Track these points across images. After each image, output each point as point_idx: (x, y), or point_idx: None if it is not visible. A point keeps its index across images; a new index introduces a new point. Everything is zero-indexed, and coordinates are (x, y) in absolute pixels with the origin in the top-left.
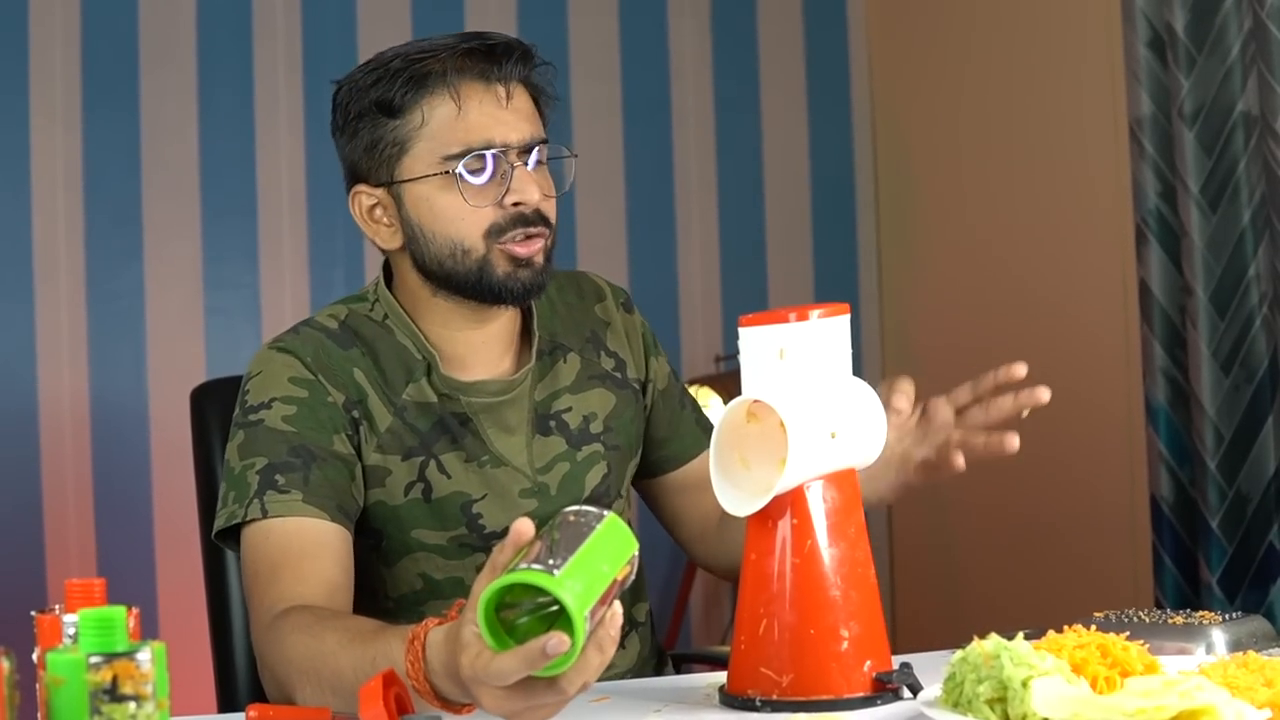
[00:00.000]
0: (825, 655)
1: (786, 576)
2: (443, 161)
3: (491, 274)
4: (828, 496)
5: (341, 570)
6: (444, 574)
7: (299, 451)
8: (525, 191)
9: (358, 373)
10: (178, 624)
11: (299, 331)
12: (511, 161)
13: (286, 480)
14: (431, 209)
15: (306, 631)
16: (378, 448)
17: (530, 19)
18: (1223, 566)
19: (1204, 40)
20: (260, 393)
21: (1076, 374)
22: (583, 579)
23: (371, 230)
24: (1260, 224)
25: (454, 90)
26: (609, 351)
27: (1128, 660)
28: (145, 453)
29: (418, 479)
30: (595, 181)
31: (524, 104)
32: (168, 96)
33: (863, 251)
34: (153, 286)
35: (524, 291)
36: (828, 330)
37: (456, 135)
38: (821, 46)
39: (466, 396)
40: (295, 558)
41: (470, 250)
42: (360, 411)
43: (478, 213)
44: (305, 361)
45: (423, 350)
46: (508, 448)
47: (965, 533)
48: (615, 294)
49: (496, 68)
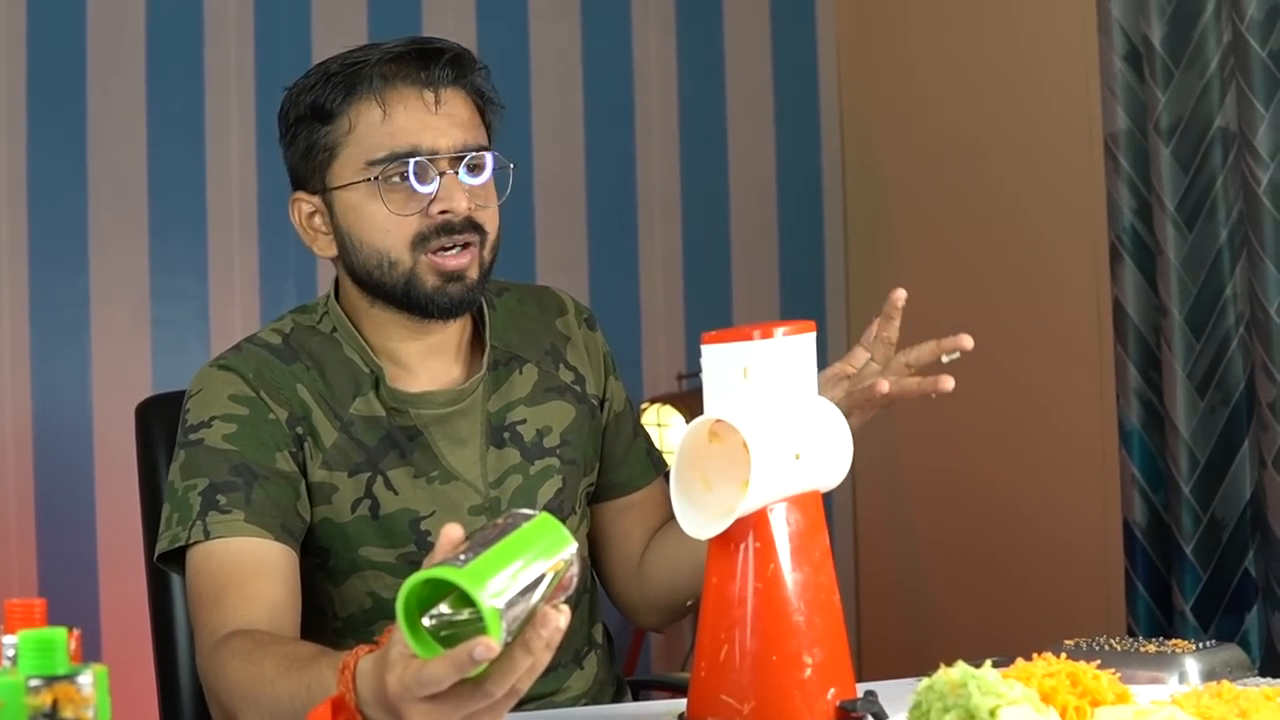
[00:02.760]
0: (788, 682)
1: (748, 601)
2: (367, 167)
3: (419, 287)
4: (791, 519)
5: (286, 591)
6: (393, 593)
7: (240, 470)
8: (452, 199)
9: (301, 388)
10: (121, 645)
11: (241, 349)
12: (441, 169)
13: (228, 500)
14: (359, 218)
15: (247, 658)
16: (323, 464)
17: (489, 25)
18: (1197, 593)
19: (1182, 53)
20: (200, 411)
21: (1048, 395)
22: (495, 570)
23: (309, 238)
24: (1238, 243)
25: (380, 96)
26: (568, 365)
27: (1098, 689)
28: (89, 469)
29: (365, 495)
30: (555, 193)
31: (460, 110)
32: (115, 103)
33: (830, 267)
34: (98, 298)
35: (453, 306)
36: (793, 348)
37: (381, 140)
38: (789, 55)
39: (415, 409)
40: (239, 580)
41: (397, 262)
42: (304, 428)
43: (403, 222)
44: (246, 378)
45: (370, 363)
46: (460, 461)
47: (932, 557)
48: (578, 310)
49: (426, 73)
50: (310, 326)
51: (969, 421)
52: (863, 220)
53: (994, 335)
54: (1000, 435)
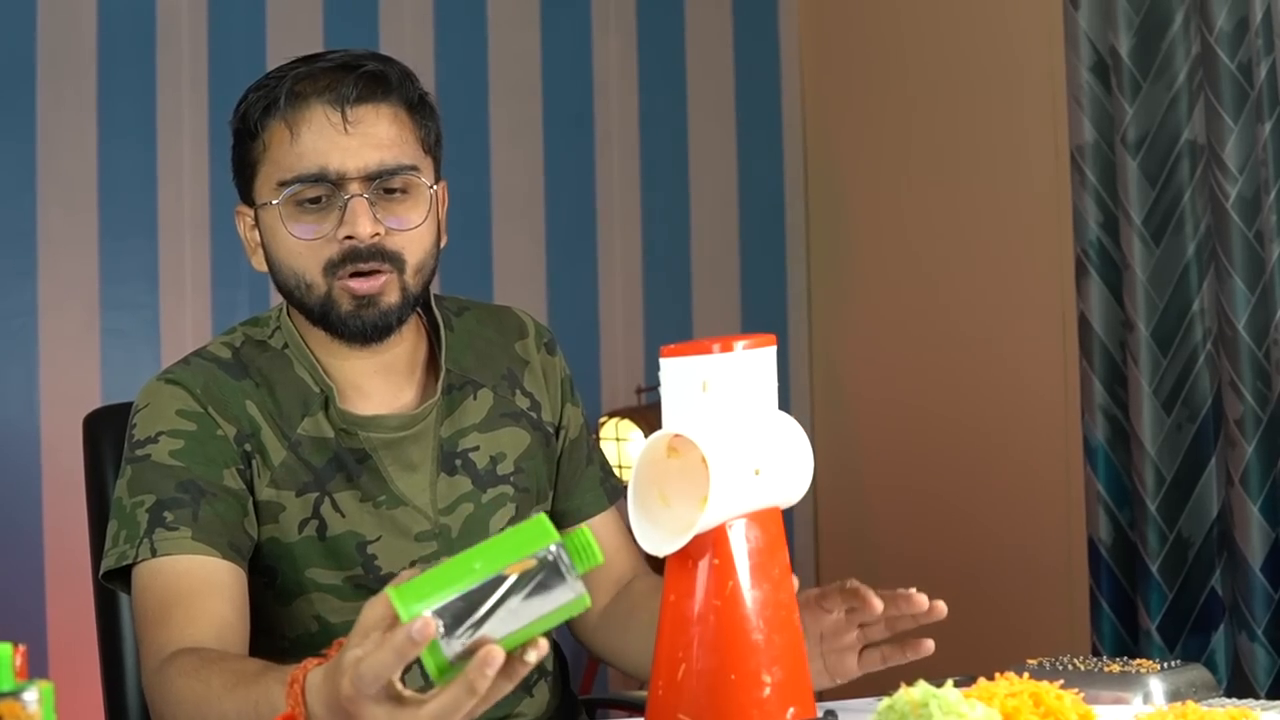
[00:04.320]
0: (746, 701)
1: (707, 619)
2: (277, 188)
3: (335, 311)
4: (751, 536)
5: (233, 609)
6: (339, 617)
7: (188, 487)
8: (356, 225)
9: (250, 405)
10: (68, 662)
11: (189, 362)
12: (352, 192)
13: (175, 517)
14: (274, 238)
15: (193, 675)
16: (270, 482)
17: (447, 32)
18: (1162, 612)
19: (1149, 65)
20: (147, 426)
21: (1012, 411)
22: (432, 583)
23: (249, 250)
24: (1205, 257)
25: (288, 116)
26: (525, 391)
27: (1061, 710)
28: (36, 481)
29: (312, 515)
30: (513, 204)
31: (378, 129)
32: (65, 107)
33: (792, 280)
34: (46, 306)
35: (367, 331)
36: (753, 362)
37: (290, 162)
38: (752, 64)
39: (365, 432)
40: (185, 597)
41: (312, 285)
42: (252, 445)
43: (313, 246)
44: (194, 393)
45: (320, 383)
46: (409, 486)
47: (894, 573)
48: (539, 333)
49: (334, 92)
50: (261, 341)
51: (931, 436)
52: (825, 232)
53: (957, 349)
54: (963, 450)
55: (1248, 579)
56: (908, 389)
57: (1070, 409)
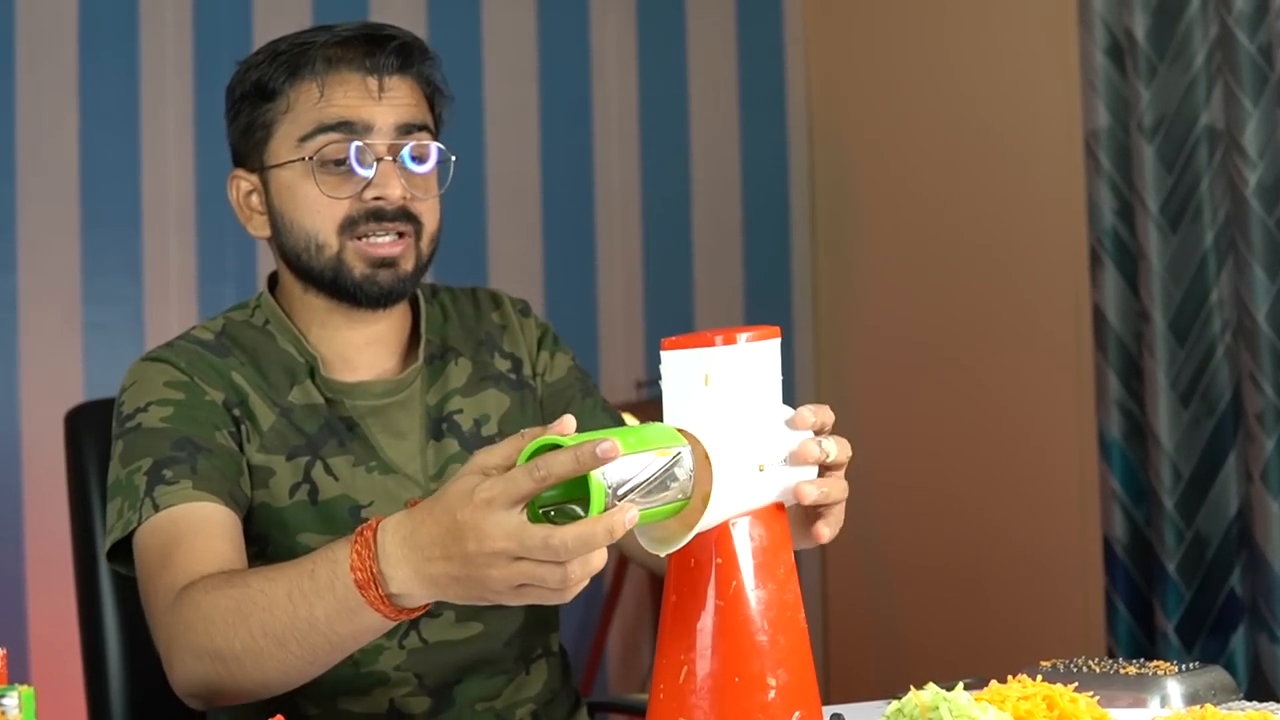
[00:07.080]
0: (750, 705)
1: (710, 620)
2: (299, 144)
3: (347, 273)
4: (755, 534)
5: (235, 551)
6: None
7: (183, 444)
8: (387, 186)
9: (237, 376)
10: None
11: (173, 345)
12: (380, 155)
13: (174, 473)
14: (292, 197)
15: (225, 583)
16: (260, 447)
17: (441, 13)
18: (1180, 613)
19: (1166, 48)
20: (136, 400)
21: (1025, 405)
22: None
23: (245, 217)
24: (1224, 246)
25: (321, 78)
26: (504, 353)
27: (1076, 713)
28: (16, 479)
29: (303, 480)
30: (509, 191)
31: (404, 97)
32: (45, 92)
33: (796, 270)
34: (27, 299)
35: (383, 294)
36: (757, 355)
37: (314, 115)
38: (756, 45)
39: (350, 399)
40: (186, 539)
41: (324, 245)
42: (241, 411)
43: (333, 205)
44: (179, 366)
45: (304, 354)
46: (400, 454)
47: (903, 574)
48: (513, 302)
49: (371, 59)
50: (243, 321)
51: (941, 432)
52: (832, 221)
53: (968, 342)
54: (974, 446)
55: (1268, 578)
56: (916, 383)
57: (1084, 403)
